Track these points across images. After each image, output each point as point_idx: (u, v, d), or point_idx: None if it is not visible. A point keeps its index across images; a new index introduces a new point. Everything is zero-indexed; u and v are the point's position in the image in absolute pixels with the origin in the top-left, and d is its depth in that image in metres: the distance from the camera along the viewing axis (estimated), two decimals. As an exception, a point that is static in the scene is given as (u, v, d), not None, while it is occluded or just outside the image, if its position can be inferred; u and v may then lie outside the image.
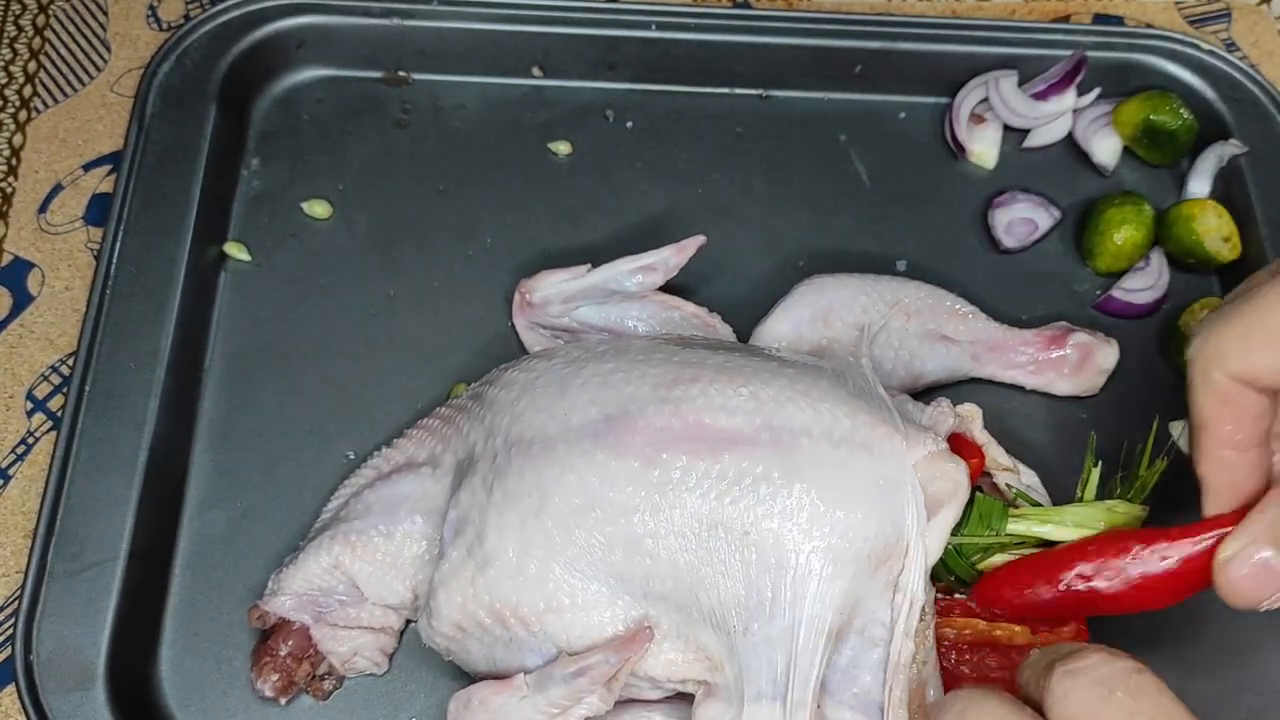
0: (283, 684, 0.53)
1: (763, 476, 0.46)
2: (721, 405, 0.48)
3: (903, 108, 0.74)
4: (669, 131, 0.72)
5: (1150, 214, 0.68)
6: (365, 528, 0.54)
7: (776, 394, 0.48)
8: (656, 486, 0.47)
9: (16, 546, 0.58)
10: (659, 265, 0.59)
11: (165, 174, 0.65)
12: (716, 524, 0.46)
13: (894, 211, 0.70)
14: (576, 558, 0.48)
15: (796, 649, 0.46)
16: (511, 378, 0.54)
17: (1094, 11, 0.78)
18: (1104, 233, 0.68)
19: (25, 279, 0.65)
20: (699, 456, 0.47)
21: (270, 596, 0.54)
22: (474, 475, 0.51)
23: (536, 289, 0.60)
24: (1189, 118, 0.70)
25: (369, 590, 0.53)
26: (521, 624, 0.48)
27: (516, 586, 0.48)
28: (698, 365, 0.50)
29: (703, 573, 0.47)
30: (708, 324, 0.60)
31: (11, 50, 0.73)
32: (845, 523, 0.46)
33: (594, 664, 0.47)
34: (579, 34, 0.71)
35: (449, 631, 0.51)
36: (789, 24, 0.72)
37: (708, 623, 0.47)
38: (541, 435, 0.50)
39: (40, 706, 0.52)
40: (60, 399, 0.62)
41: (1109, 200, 0.69)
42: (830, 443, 0.47)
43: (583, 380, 0.51)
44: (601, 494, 0.47)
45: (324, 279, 0.66)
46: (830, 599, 0.46)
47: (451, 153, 0.71)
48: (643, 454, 0.47)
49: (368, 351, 0.64)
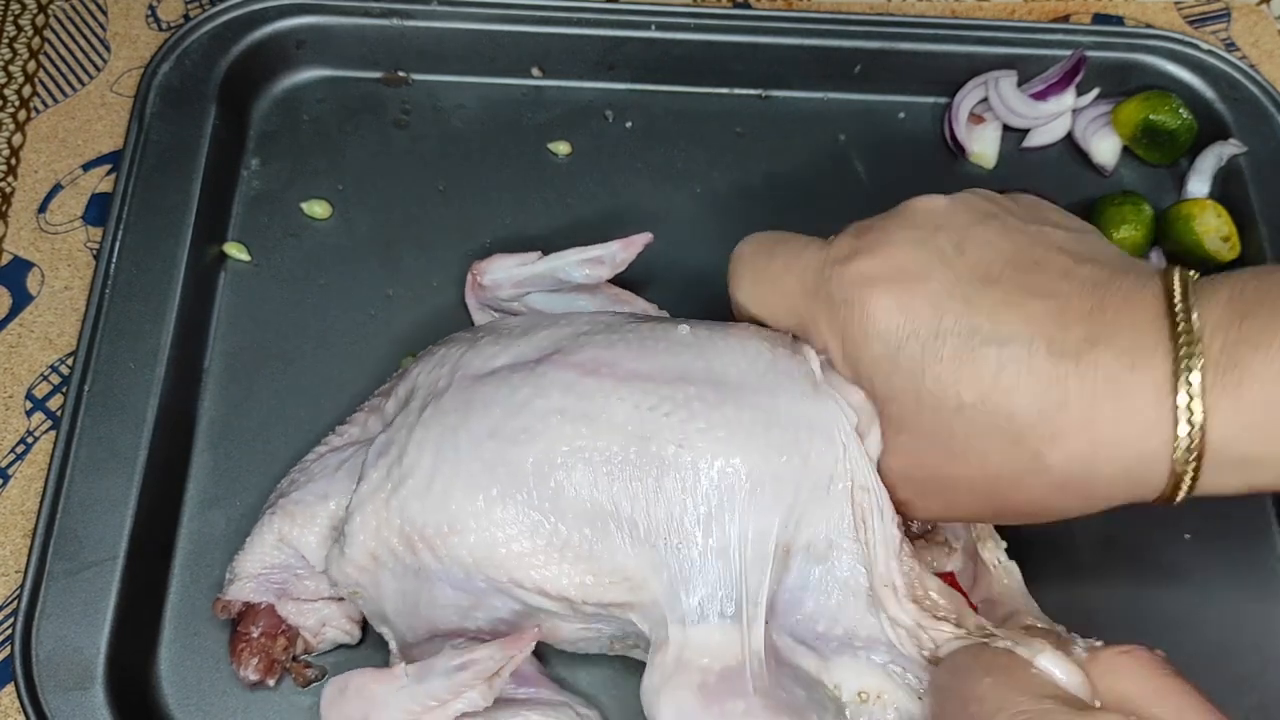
0: (265, 665, 0.53)
1: (696, 395, 0.47)
2: (663, 337, 0.49)
3: (903, 108, 0.74)
4: (669, 131, 0.72)
5: (1150, 214, 0.68)
6: (302, 496, 0.53)
7: (709, 333, 0.50)
8: (586, 394, 0.47)
9: (16, 546, 0.58)
10: (606, 259, 0.59)
11: (165, 174, 0.65)
12: (646, 437, 0.46)
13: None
14: (480, 474, 0.47)
15: (745, 565, 0.45)
16: (481, 324, 0.55)
17: (1094, 11, 0.78)
18: (1103, 232, 0.67)
19: (25, 279, 0.65)
20: (635, 376, 0.47)
21: (228, 585, 0.54)
22: (413, 401, 0.51)
23: (487, 271, 0.61)
24: (1189, 118, 0.70)
25: (315, 559, 0.53)
26: (428, 548, 0.48)
27: (423, 507, 0.47)
28: (646, 319, 0.53)
29: (626, 487, 0.46)
30: None
31: (11, 50, 0.73)
32: (780, 439, 0.46)
33: (478, 659, 0.46)
34: (579, 34, 0.71)
35: (363, 561, 0.49)
36: (789, 24, 0.72)
37: (629, 537, 0.46)
38: (490, 364, 0.50)
39: (39, 706, 0.52)
40: (60, 399, 0.62)
41: (1108, 200, 0.69)
42: (755, 373, 0.48)
43: (548, 324, 0.52)
44: (528, 402, 0.47)
45: (324, 279, 0.66)
46: (775, 514, 0.45)
47: (451, 153, 0.71)
48: (581, 367, 0.48)
49: (368, 351, 0.64)
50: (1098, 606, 0.58)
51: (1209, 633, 0.58)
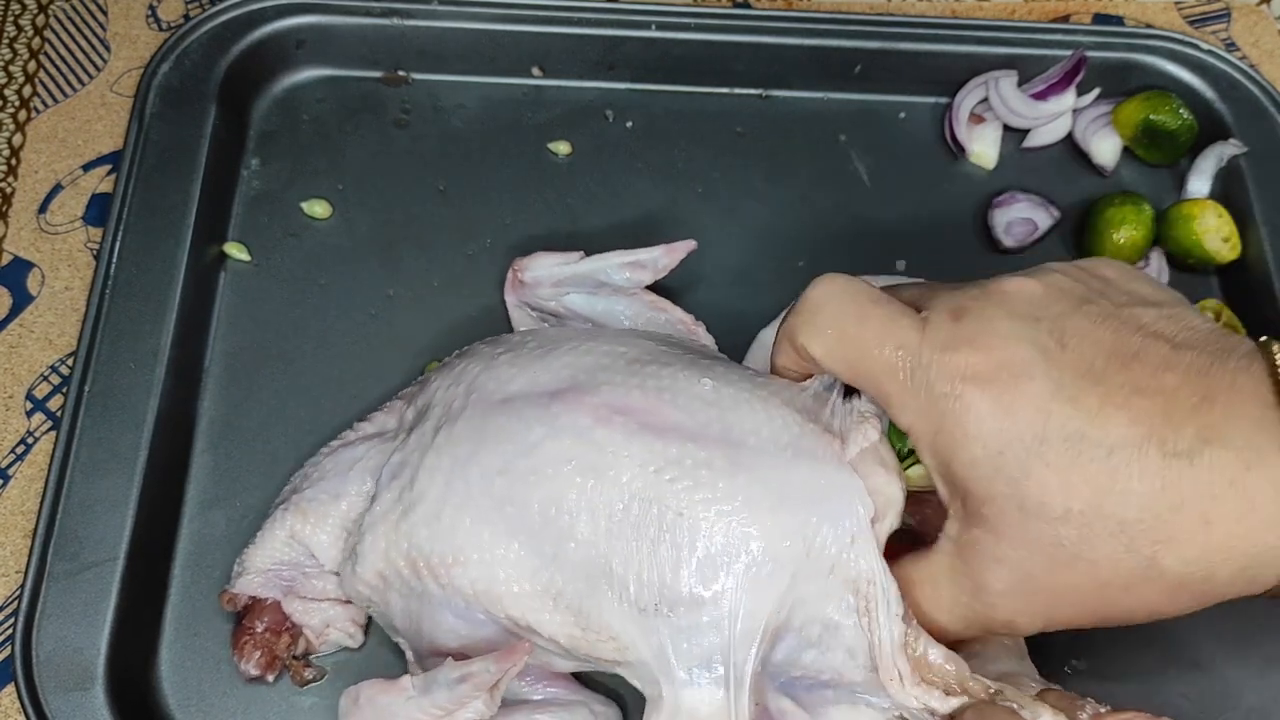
0: (266, 660, 0.53)
1: (705, 462, 0.46)
2: (684, 390, 0.48)
3: (903, 108, 0.74)
4: (669, 131, 0.72)
5: (1150, 213, 0.68)
6: (316, 494, 0.53)
7: (735, 394, 0.48)
8: (597, 446, 0.47)
9: (16, 546, 0.58)
10: (648, 264, 0.60)
11: (165, 174, 0.65)
12: (650, 499, 0.46)
13: (894, 211, 0.70)
14: (489, 510, 0.47)
15: (734, 641, 0.45)
16: (504, 337, 0.54)
17: (1094, 11, 0.78)
18: (1104, 233, 0.68)
19: (25, 279, 0.65)
20: (648, 430, 0.47)
21: (237, 578, 0.54)
22: (427, 420, 0.51)
23: (529, 268, 0.61)
24: (1189, 118, 0.70)
25: (325, 557, 0.53)
26: (432, 576, 0.48)
27: (430, 535, 0.48)
28: (674, 356, 0.51)
29: (625, 545, 0.46)
30: (691, 330, 0.60)
31: (11, 50, 0.73)
32: (785, 522, 0.45)
33: (475, 671, 0.46)
34: (579, 34, 0.71)
35: (372, 580, 0.50)
36: (789, 24, 0.72)
37: (618, 598, 0.46)
38: (505, 389, 0.50)
39: (40, 706, 0.52)
40: (60, 399, 0.62)
41: (1109, 200, 0.69)
42: (777, 445, 0.47)
43: (567, 349, 0.51)
44: (539, 444, 0.47)
45: (324, 279, 0.66)
46: (769, 595, 0.45)
47: (451, 153, 0.71)
48: (596, 414, 0.47)
49: (368, 351, 0.64)
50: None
51: (1207, 632, 0.58)
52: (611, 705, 0.53)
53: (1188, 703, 0.56)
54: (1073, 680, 0.56)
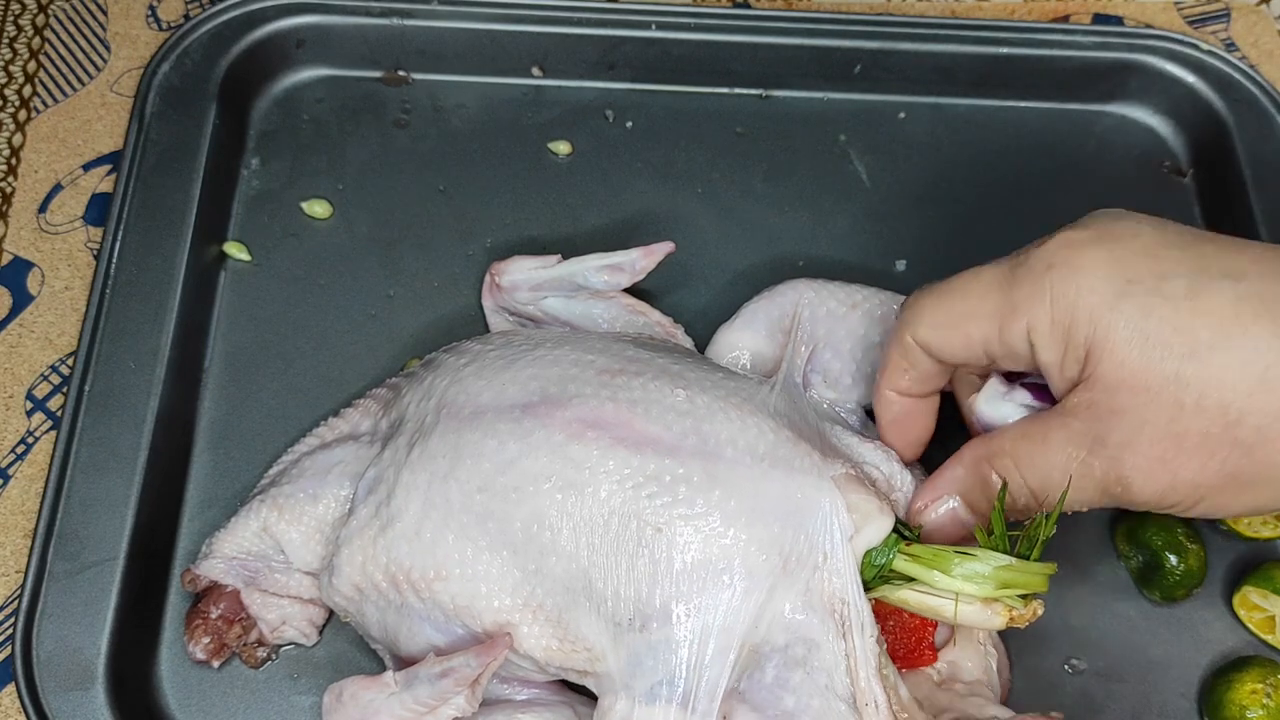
0: (214, 646, 0.54)
1: (683, 478, 0.46)
2: (657, 401, 0.48)
3: (903, 108, 0.74)
4: (669, 131, 0.72)
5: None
6: (294, 491, 0.54)
7: (710, 402, 0.49)
8: (574, 463, 0.47)
9: (16, 546, 0.58)
10: (626, 266, 0.60)
11: (165, 174, 0.65)
12: (629, 515, 0.46)
13: (894, 211, 0.70)
14: (470, 525, 0.48)
15: (705, 658, 0.45)
16: (465, 346, 0.54)
17: (1093, 12, 0.78)
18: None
19: (25, 279, 0.65)
20: (623, 444, 0.47)
21: (202, 560, 0.54)
22: (400, 435, 0.51)
23: (505, 272, 0.61)
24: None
25: (294, 556, 0.53)
26: (412, 590, 0.48)
27: (411, 550, 0.48)
28: (644, 363, 0.51)
29: (605, 560, 0.46)
30: (670, 332, 0.60)
31: (11, 50, 0.73)
32: (762, 536, 0.46)
33: (456, 666, 0.47)
34: (579, 34, 0.71)
35: (347, 592, 0.50)
36: (789, 24, 0.72)
37: (596, 612, 0.46)
38: (475, 401, 0.50)
39: (40, 706, 0.52)
40: (60, 399, 0.62)
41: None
42: (753, 455, 0.47)
43: (532, 358, 0.51)
44: (516, 460, 0.47)
45: (324, 279, 0.66)
46: (744, 612, 0.45)
47: (451, 153, 0.71)
48: (569, 429, 0.47)
49: (368, 352, 0.64)
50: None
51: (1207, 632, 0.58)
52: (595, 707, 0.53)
53: (1188, 703, 0.56)
54: (1073, 680, 0.56)
